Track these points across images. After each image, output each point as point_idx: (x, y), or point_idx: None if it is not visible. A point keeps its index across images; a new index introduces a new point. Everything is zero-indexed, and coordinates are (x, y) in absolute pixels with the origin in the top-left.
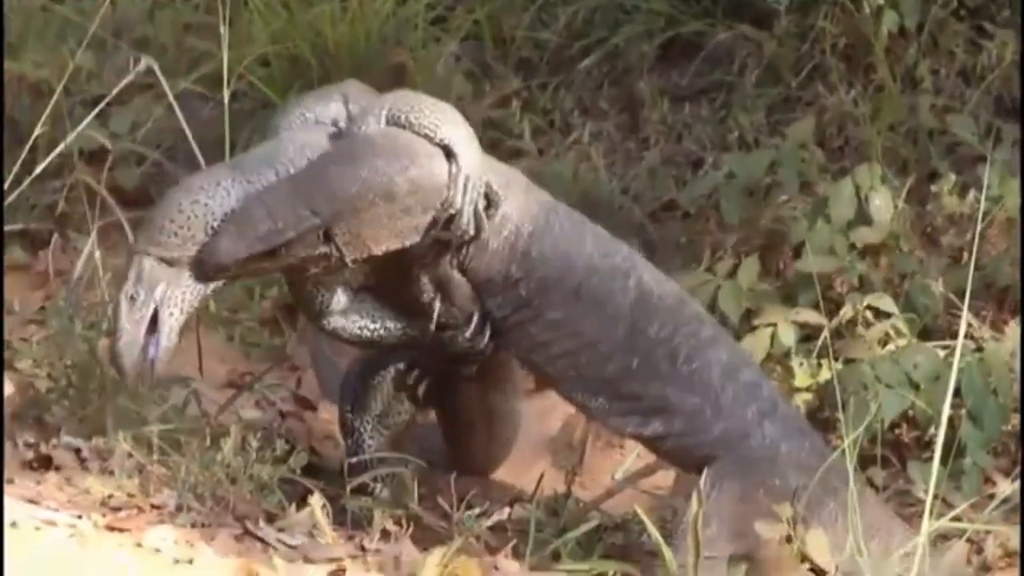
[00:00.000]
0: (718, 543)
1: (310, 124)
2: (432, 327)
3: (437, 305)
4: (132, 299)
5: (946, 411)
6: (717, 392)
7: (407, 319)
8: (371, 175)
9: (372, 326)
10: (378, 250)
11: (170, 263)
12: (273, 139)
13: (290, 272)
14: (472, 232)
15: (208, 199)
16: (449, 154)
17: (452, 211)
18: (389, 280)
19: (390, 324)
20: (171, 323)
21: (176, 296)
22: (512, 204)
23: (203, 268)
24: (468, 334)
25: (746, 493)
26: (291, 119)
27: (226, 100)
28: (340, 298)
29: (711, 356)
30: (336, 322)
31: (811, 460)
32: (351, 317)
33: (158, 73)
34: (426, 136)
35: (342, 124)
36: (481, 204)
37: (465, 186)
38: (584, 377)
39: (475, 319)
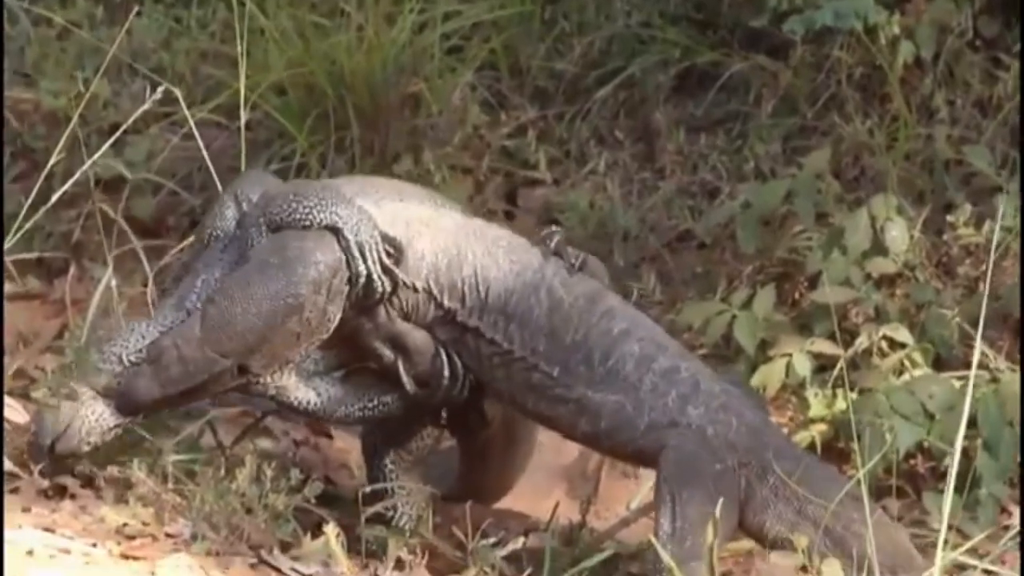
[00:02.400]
0: (700, 551)
1: (215, 242)
2: (410, 387)
3: (401, 363)
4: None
5: (959, 441)
6: (635, 386)
7: (395, 389)
8: (273, 303)
9: (371, 404)
10: (296, 356)
11: (94, 390)
12: (189, 276)
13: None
14: (389, 287)
15: (124, 340)
16: (335, 231)
17: (362, 279)
18: (352, 358)
19: (385, 398)
20: (81, 427)
21: (95, 408)
22: (421, 242)
23: (123, 405)
24: (446, 374)
25: (703, 494)
26: (202, 237)
27: (243, 128)
28: (322, 389)
29: (624, 350)
30: (338, 413)
31: (741, 438)
32: (349, 402)
33: (180, 100)
34: (306, 227)
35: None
36: (386, 259)
37: (362, 252)
38: (515, 383)
39: (443, 359)
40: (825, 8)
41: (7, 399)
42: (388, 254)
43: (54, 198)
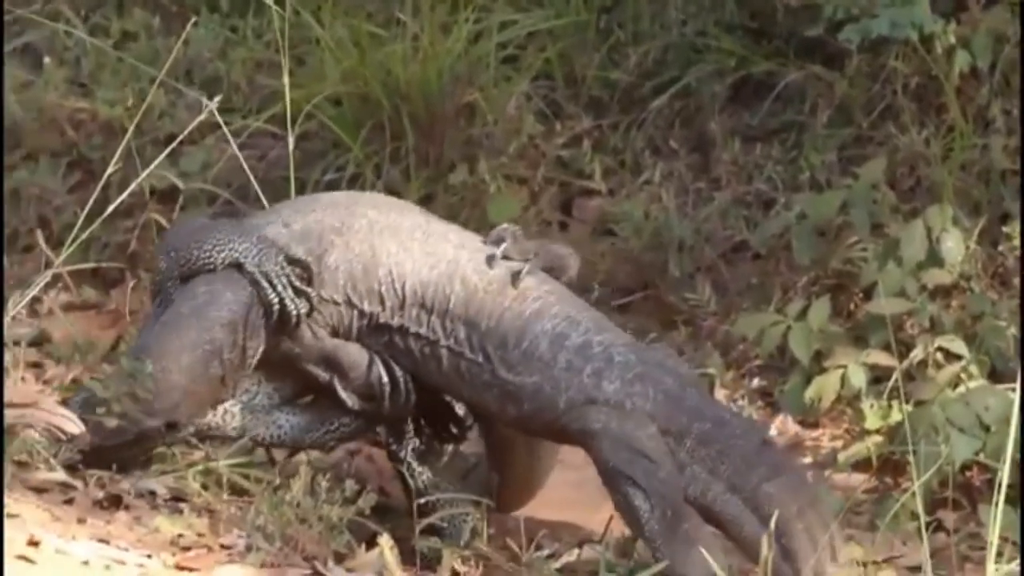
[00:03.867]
0: (694, 527)
1: (156, 297)
2: (351, 403)
3: (336, 381)
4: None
5: (1009, 452)
6: (550, 365)
7: (345, 411)
8: (192, 353)
9: (333, 427)
10: (228, 395)
11: None
12: None
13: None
14: (305, 308)
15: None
16: (238, 266)
17: (276, 307)
18: (304, 385)
19: (345, 419)
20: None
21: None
22: (334, 254)
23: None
24: (385, 382)
25: (651, 463)
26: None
27: (291, 141)
28: (283, 420)
29: (536, 330)
30: (305, 440)
31: (659, 407)
32: (314, 428)
33: (217, 117)
34: (211, 270)
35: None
36: (297, 282)
37: (269, 280)
38: (446, 374)
39: (379, 367)
40: (881, 17)
41: (62, 409)
42: (299, 276)
43: (110, 208)
